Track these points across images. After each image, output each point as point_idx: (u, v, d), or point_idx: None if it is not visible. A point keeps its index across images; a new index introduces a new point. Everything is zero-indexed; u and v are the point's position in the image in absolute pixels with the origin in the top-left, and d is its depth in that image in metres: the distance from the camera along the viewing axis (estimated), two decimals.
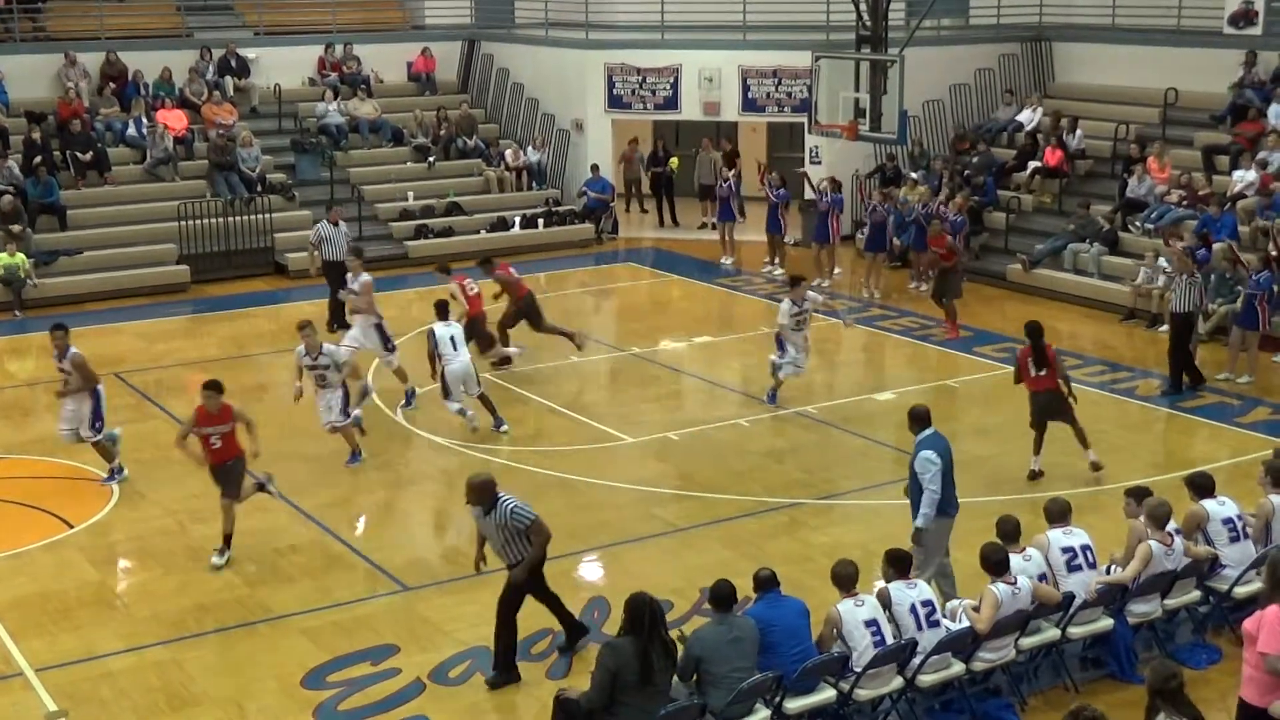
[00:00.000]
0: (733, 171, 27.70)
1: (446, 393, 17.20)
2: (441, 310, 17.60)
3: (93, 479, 16.00)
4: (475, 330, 18.92)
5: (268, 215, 26.86)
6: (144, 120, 27.98)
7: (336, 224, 22.51)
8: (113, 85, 28.82)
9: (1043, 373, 15.45)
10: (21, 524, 14.84)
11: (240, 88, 29.96)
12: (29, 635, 12.22)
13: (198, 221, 26.22)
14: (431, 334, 17.25)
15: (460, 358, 17.19)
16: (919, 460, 11.88)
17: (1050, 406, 15.57)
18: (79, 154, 26.81)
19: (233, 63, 30.07)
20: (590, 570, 13.85)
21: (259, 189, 27.28)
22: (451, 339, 17.24)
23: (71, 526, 14.70)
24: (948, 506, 12.01)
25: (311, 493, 15.45)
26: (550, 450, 16.87)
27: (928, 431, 12.07)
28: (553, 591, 11.76)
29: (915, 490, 11.99)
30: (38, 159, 26.03)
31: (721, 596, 10.01)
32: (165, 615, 12.67)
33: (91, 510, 15.07)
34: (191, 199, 26.67)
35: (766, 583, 10.37)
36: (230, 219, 26.48)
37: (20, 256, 24.02)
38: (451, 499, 15.57)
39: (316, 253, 22.44)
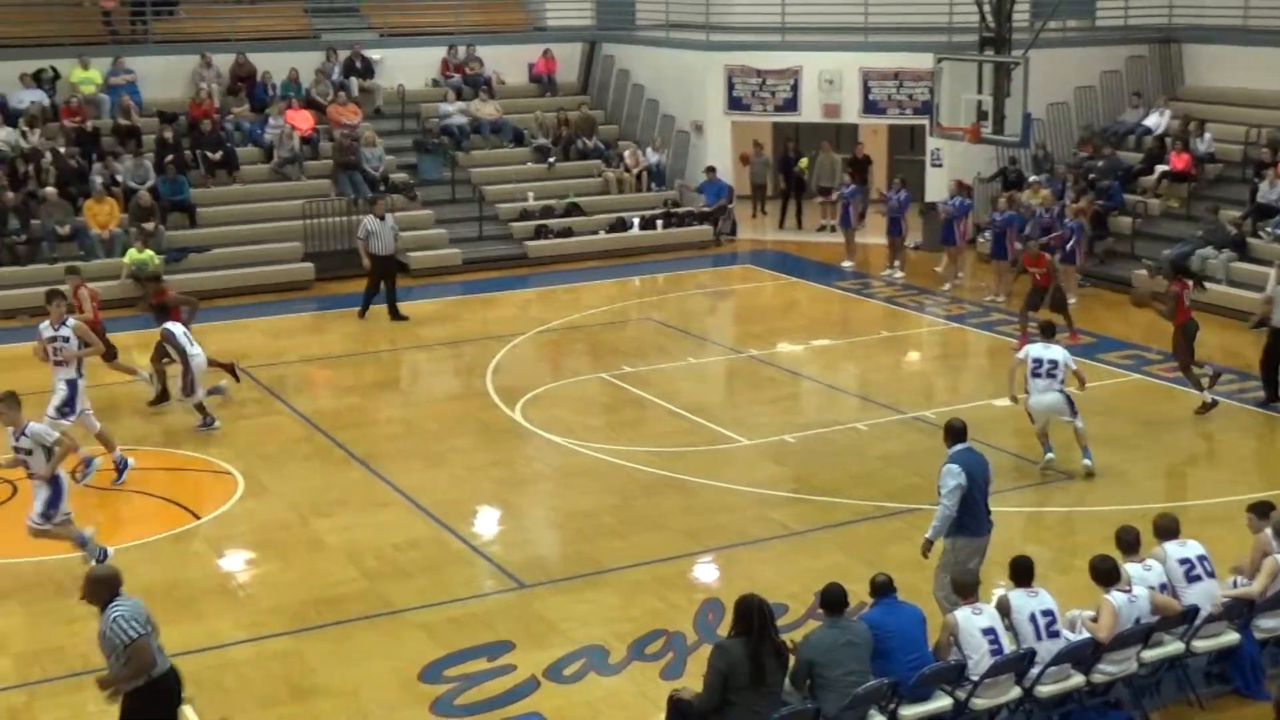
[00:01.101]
0: (857, 180, 27.68)
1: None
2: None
3: (220, 471, 16.32)
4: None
5: (390, 214, 27.15)
6: (271, 120, 28.52)
7: (383, 217, 23.06)
8: (242, 86, 29.43)
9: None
10: (150, 514, 15.20)
11: (365, 89, 30.39)
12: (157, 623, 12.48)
13: (322, 220, 26.65)
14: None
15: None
16: (941, 472, 11.61)
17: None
18: (209, 153, 27.40)
19: (358, 64, 30.53)
20: (705, 572, 13.85)
21: (381, 188, 27.66)
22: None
23: (198, 518, 15.02)
24: (977, 526, 11.65)
25: (430, 489, 15.62)
26: (666, 451, 16.89)
27: (960, 446, 11.75)
28: None
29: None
30: (169, 158, 26.67)
31: (833, 600, 9.96)
32: (286, 607, 12.89)
33: (217, 502, 15.38)
34: (316, 198, 27.12)
35: (883, 588, 10.30)
36: (353, 218, 26.82)
37: (150, 253, 24.60)
38: (568, 498, 15.67)
39: (365, 244, 23.04)
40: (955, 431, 11.87)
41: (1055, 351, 15.69)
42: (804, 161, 30.58)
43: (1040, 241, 22.44)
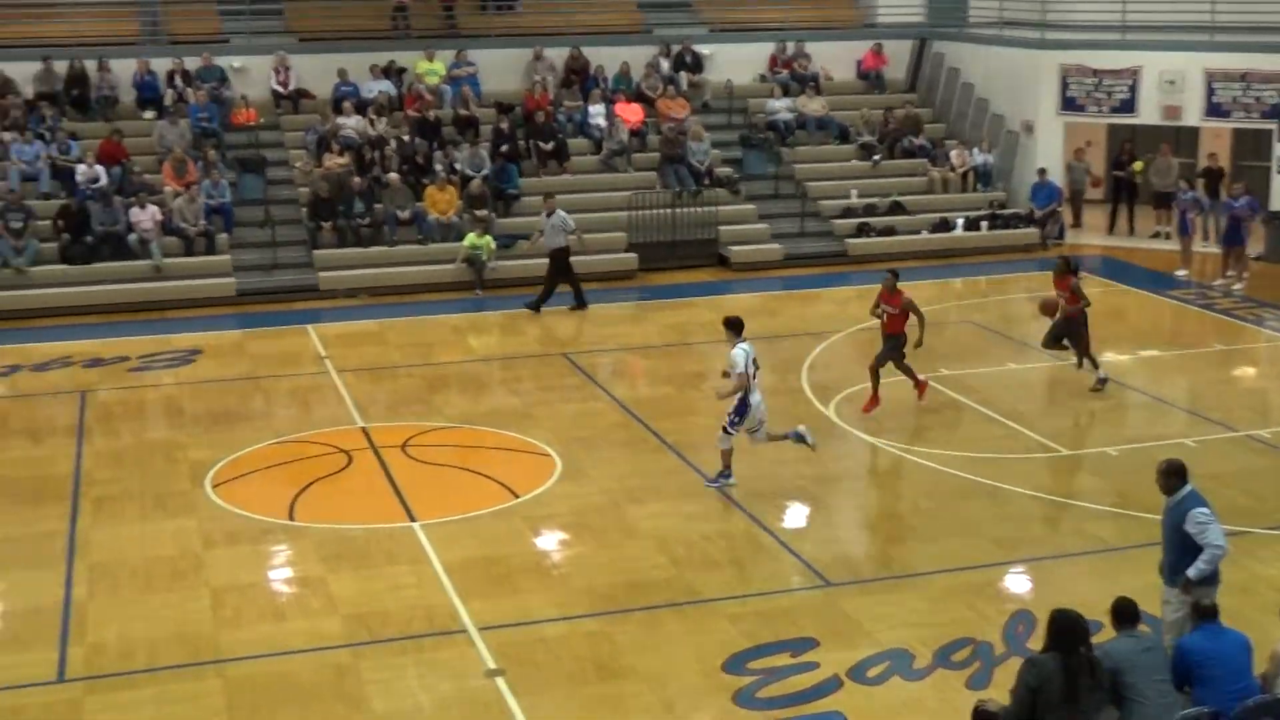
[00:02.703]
0: (1210, 193, 26.60)
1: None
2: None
3: (540, 453, 16.82)
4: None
5: (713, 208, 27.49)
6: (602, 113, 29.20)
7: (552, 213, 23.78)
8: (576, 79, 30.24)
9: None
10: (474, 491, 15.78)
11: (694, 83, 30.80)
12: (474, 596, 12.98)
13: (647, 212, 27.13)
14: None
15: None
16: (1191, 520, 10.54)
17: None
18: (541, 144, 28.24)
19: (688, 59, 30.95)
20: (1016, 582, 13.54)
21: (706, 182, 27.98)
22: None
23: (517, 496, 15.52)
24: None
25: (741, 482, 15.71)
26: (980, 456, 16.57)
27: (1186, 489, 10.74)
28: None
29: (1175, 553, 10.74)
30: (504, 147, 27.64)
31: (1125, 611, 9.66)
32: (598, 588, 13.21)
33: (536, 482, 15.86)
34: (642, 189, 27.63)
35: (1208, 612, 9.87)
36: (677, 210, 27.25)
37: (488, 238, 25.54)
38: (878, 498, 15.57)
39: (541, 240, 23.94)
40: (1178, 472, 10.79)
41: None
42: (1138, 164, 29.40)
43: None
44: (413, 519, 14.77)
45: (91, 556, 13.96)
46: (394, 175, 26.56)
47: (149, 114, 28.03)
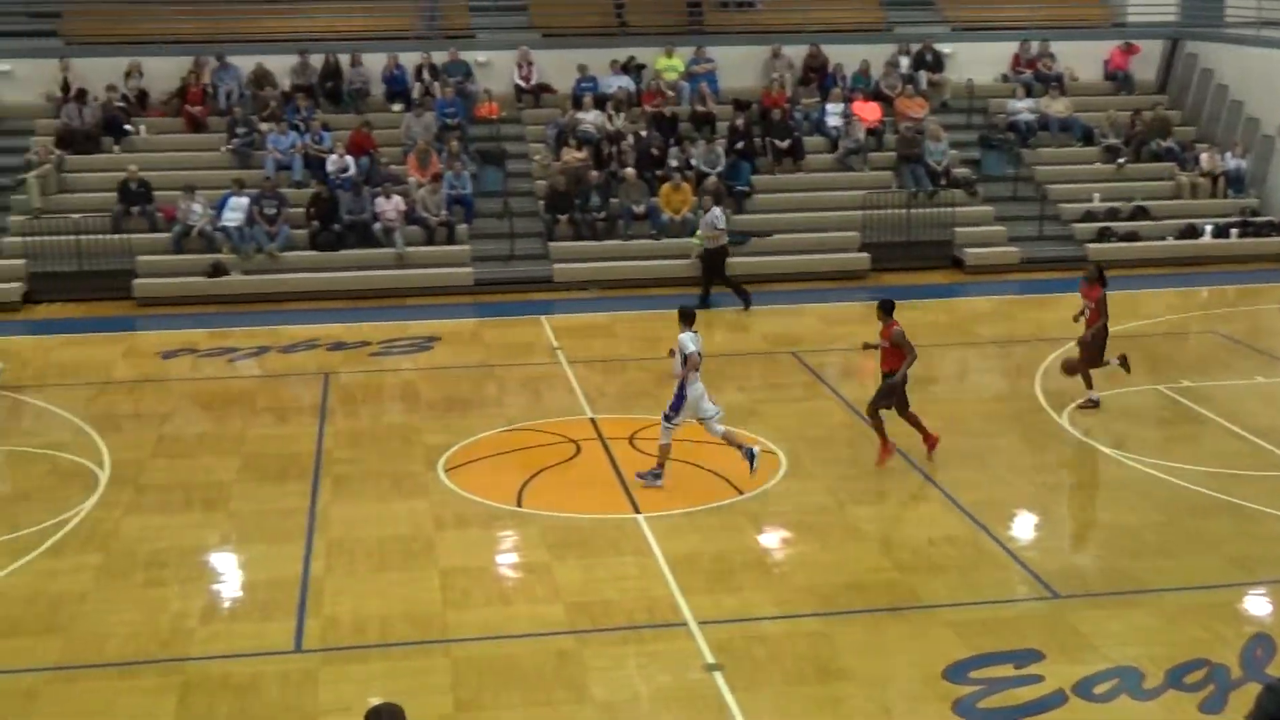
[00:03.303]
0: None
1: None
2: None
3: (765, 450, 16.80)
4: None
5: (949, 209, 27.09)
6: (839, 111, 29.02)
7: (708, 210, 23.99)
8: (814, 77, 30.12)
9: None
10: (698, 485, 15.85)
11: (934, 82, 30.37)
12: (695, 590, 13.06)
13: (881, 211, 26.88)
14: None
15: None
16: None
17: None
18: (777, 141, 28.21)
19: (928, 57, 30.54)
20: (1256, 604, 13.03)
21: (943, 182, 27.58)
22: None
23: (741, 493, 15.55)
24: None
25: (969, 487, 15.49)
26: (1222, 472, 15.97)
27: None
28: None
29: None
30: (739, 144, 27.71)
31: None
32: (819, 588, 13.16)
33: (760, 480, 15.85)
34: (877, 189, 27.38)
35: None
36: (912, 211, 26.93)
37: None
38: (1112, 511, 15.15)
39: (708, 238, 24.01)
40: None
41: None
42: None
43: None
44: (637, 511, 14.93)
45: (330, 533, 14.49)
46: (630, 170, 26.85)
47: (397, 107, 28.91)
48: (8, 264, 25.04)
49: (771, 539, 14.51)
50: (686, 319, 15.86)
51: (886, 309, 16.26)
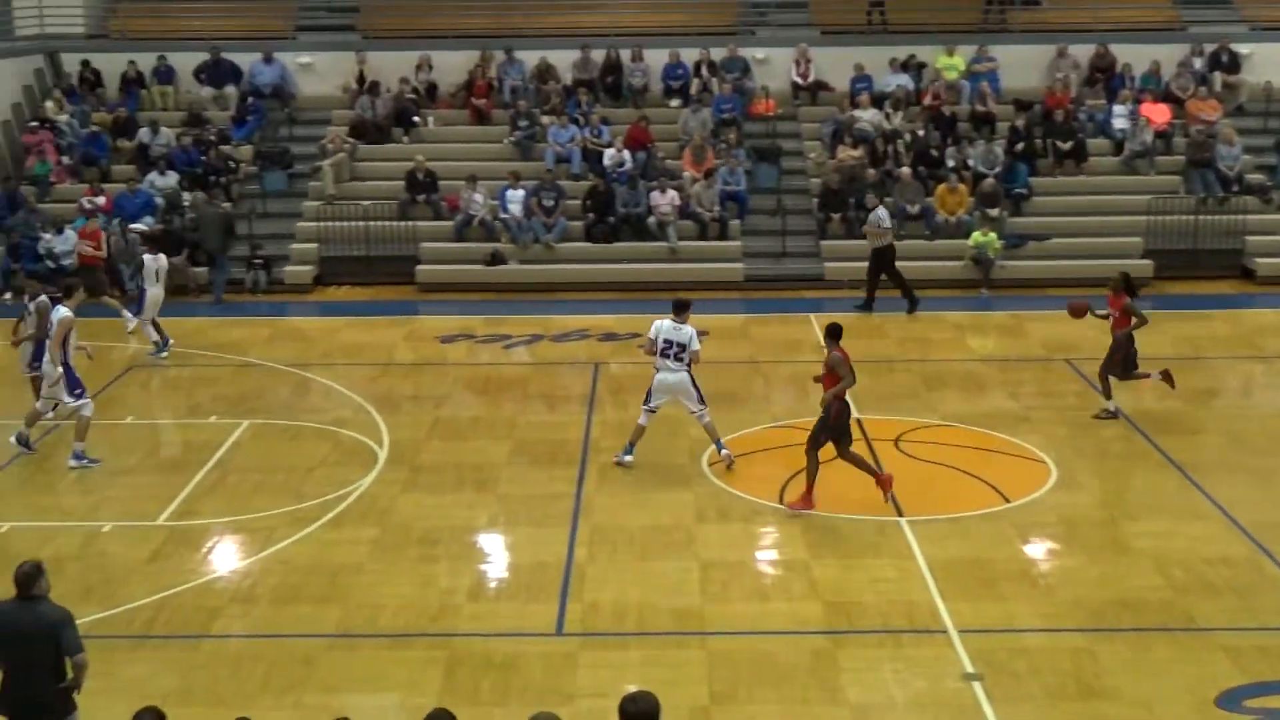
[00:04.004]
0: None
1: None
2: None
3: (1033, 459, 16.45)
4: None
5: (1241, 217, 25.98)
6: (1126, 113, 28.09)
7: (874, 209, 23.67)
8: (1101, 77, 29.25)
9: None
10: (964, 491, 15.60)
11: (1229, 84, 29.15)
12: (956, 597, 12.85)
13: (1167, 218, 25.96)
14: None
15: None
16: None
17: None
18: (1059, 143, 27.49)
19: (1224, 58, 29.31)
20: None
21: (1235, 189, 26.45)
22: None
23: (1008, 501, 15.24)
24: None
25: (1251, 507, 14.83)
26: None
27: None
28: None
29: None
30: (1019, 145, 27.10)
31: None
32: (1086, 603, 12.79)
33: (1029, 489, 15.50)
34: (1163, 194, 26.44)
35: None
36: (1201, 217, 25.93)
37: (992, 236, 25.16)
38: None
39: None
40: None
41: None
42: None
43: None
44: (900, 514, 14.76)
45: (594, 520, 14.76)
46: (905, 170, 26.55)
47: (675, 102, 29.22)
48: (301, 248, 26.28)
49: (1038, 549, 14.17)
50: (679, 309, 16.24)
51: (834, 334, 15.27)
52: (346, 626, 12.44)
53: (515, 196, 26.20)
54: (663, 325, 16.14)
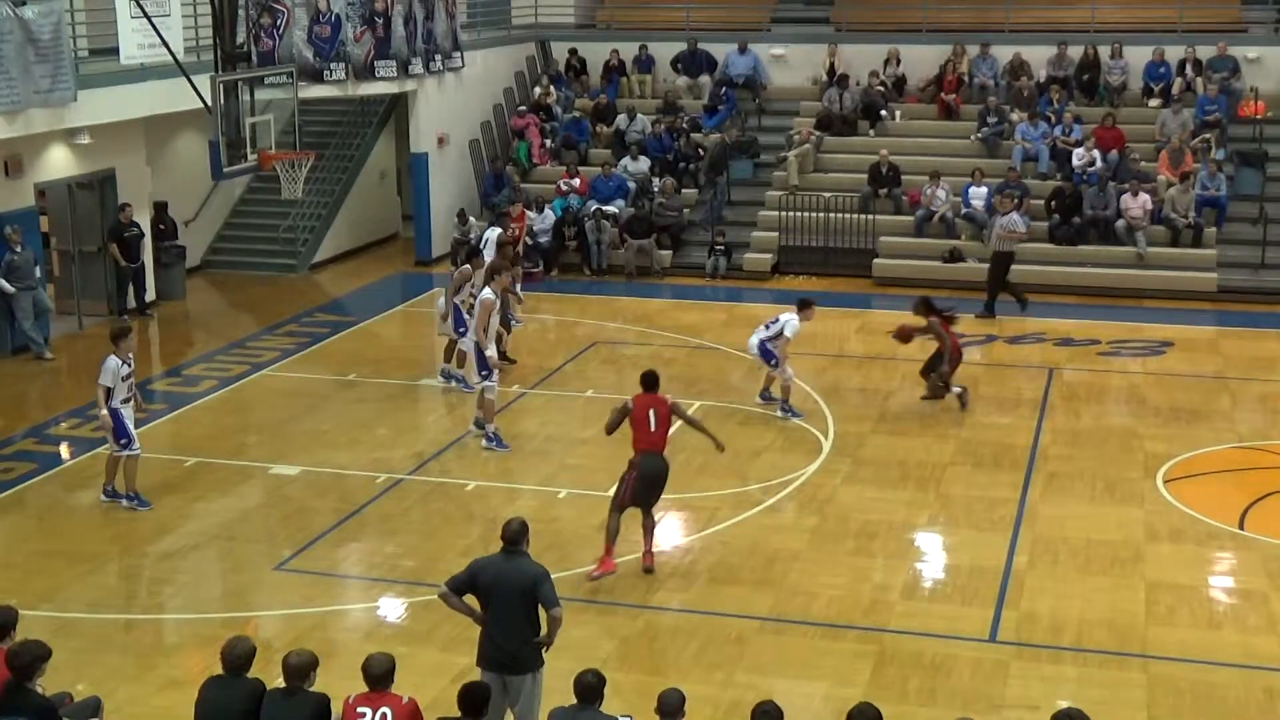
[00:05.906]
0: None
1: None
2: None
3: None
4: None
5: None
6: None
7: (1007, 213, 23.17)
8: None
9: None
10: None
11: None
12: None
13: None
14: None
15: None
16: None
17: None
18: None
19: None
20: None
21: None
22: None
23: None
24: None
25: None
26: None
27: None
28: None
29: None
30: None
31: None
32: None
33: None
34: None
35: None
36: None
37: None
38: None
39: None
40: None
41: None
42: None
43: None
44: None
45: (1036, 528, 14.42)
46: None
47: (1154, 102, 27.98)
48: (762, 235, 26.77)
49: None
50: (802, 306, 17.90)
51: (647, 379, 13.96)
52: (779, 611, 12.66)
53: (978, 193, 25.81)
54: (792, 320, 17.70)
